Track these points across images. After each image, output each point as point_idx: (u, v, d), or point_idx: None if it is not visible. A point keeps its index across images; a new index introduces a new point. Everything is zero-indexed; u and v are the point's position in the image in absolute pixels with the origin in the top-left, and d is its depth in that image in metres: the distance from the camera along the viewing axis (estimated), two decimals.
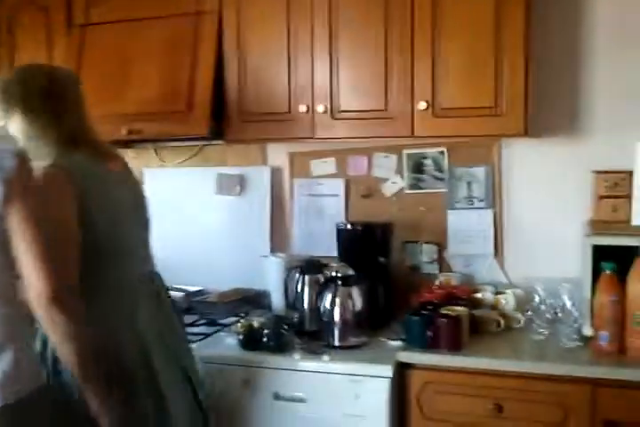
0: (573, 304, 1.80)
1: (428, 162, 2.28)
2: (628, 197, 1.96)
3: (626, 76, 2.07)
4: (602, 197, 2.01)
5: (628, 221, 1.93)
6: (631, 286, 1.70)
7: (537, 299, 1.88)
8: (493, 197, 2.22)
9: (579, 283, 1.83)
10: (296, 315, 2.03)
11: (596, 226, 1.91)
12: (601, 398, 1.64)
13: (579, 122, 2.13)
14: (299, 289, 2.05)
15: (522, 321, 1.96)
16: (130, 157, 2.64)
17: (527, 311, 1.94)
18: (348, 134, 2.08)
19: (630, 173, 1.95)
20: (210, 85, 2.13)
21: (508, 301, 2.03)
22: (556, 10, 2.11)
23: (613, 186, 2.00)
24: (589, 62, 2.11)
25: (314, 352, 1.85)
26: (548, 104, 2.11)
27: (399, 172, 2.32)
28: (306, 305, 2.02)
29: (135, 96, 2.20)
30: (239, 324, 1.95)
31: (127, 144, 2.59)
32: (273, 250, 2.42)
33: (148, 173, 2.63)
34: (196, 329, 2.09)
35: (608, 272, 1.72)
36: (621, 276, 1.72)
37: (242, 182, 2.49)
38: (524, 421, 1.70)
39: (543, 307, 1.86)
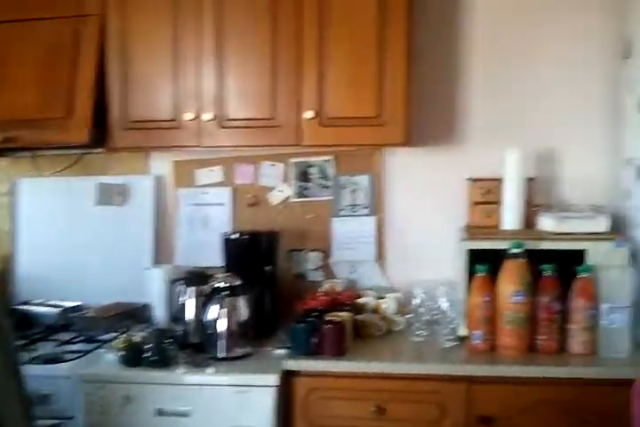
0: (450, 306, 1.87)
1: (314, 170, 2.31)
2: (500, 203, 2.05)
3: (497, 86, 2.19)
4: (477, 204, 2.11)
5: (499, 225, 2.03)
6: (501, 286, 1.79)
7: (416, 302, 1.94)
8: (376, 205, 2.28)
9: (456, 286, 1.90)
10: (180, 328, 1.98)
11: (471, 231, 2.00)
12: (475, 395, 1.71)
13: (456, 131, 2.23)
14: (183, 301, 2.00)
15: (402, 324, 2.02)
16: (2, 166, 2.50)
17: (408, 314, 2.00)
18: (234, 143, 2.07)
19: (502, 181, 2.05)
20: (91, 91, 2.05)
21: (389, 305, 2.07)
22: (431, 24, 2.20)
23: (487, 193, 2.10)
24: (465, 73, 2.21)
25: (198, 365, 1.81)
26: (427, 114, 2.19)
27: (286, 180, 2.33)
28: (190, 317, 1.97)
29: (11, 101, 2.08)
30: (119, 339, 1.88)
31: (0, 152, 2.44)
32: (158, 262, 2.35)
33: (23, 184, 2.49)
34: (74, 347, 1.99)
35: (481, 274, 1.81)
36: (494, 277, 1.80)
37: (124, 192, 2.40)
38: (407, 421, 1.74)
39: (422, 309, 1.92)
